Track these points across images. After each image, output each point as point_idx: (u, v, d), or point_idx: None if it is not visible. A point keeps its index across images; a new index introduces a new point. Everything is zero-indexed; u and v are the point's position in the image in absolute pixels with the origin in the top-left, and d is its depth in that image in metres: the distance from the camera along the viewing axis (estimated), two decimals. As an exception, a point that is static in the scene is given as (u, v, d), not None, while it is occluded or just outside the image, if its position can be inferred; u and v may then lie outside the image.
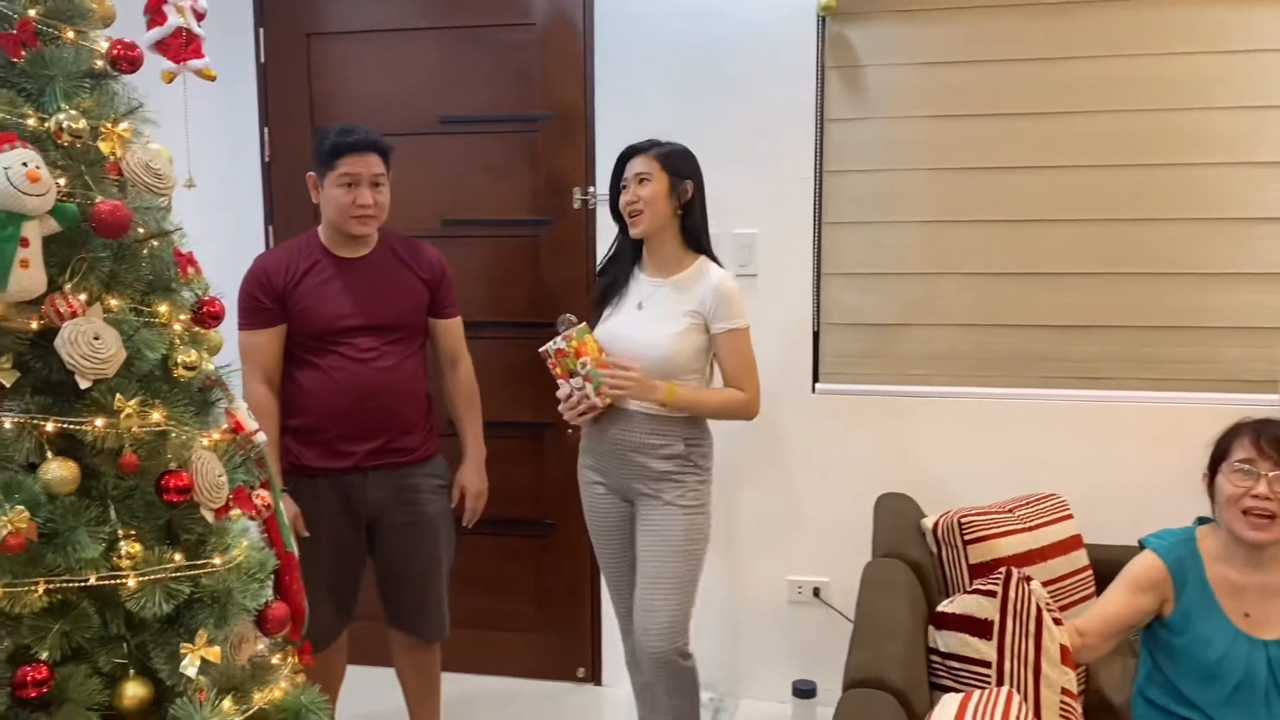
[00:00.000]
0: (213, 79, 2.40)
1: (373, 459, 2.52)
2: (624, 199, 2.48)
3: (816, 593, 3.17)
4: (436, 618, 2.69)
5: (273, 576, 1.87)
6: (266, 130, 3.39)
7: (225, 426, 1.89)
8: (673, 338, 2.41)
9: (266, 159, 3.41)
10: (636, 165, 2.47)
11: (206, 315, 1.86)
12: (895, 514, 2.50)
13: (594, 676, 3.39)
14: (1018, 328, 3.01)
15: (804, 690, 3.09)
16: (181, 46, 2.16)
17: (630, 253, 2.57)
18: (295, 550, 2.02)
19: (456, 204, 3.29)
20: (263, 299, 2.48)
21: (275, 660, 1.89)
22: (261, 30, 3.36)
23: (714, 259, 2.51)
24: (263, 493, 1.94)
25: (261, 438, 2.00)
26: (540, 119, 3.22)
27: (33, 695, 1.54)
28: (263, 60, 3.36)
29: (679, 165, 2.46)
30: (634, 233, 2.47)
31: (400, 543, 2.59)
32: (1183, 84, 2.85)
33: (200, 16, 2.34)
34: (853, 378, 3.13)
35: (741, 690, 3.25)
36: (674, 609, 2.39)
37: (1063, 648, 1.84)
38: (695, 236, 2.50)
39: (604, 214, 3.04)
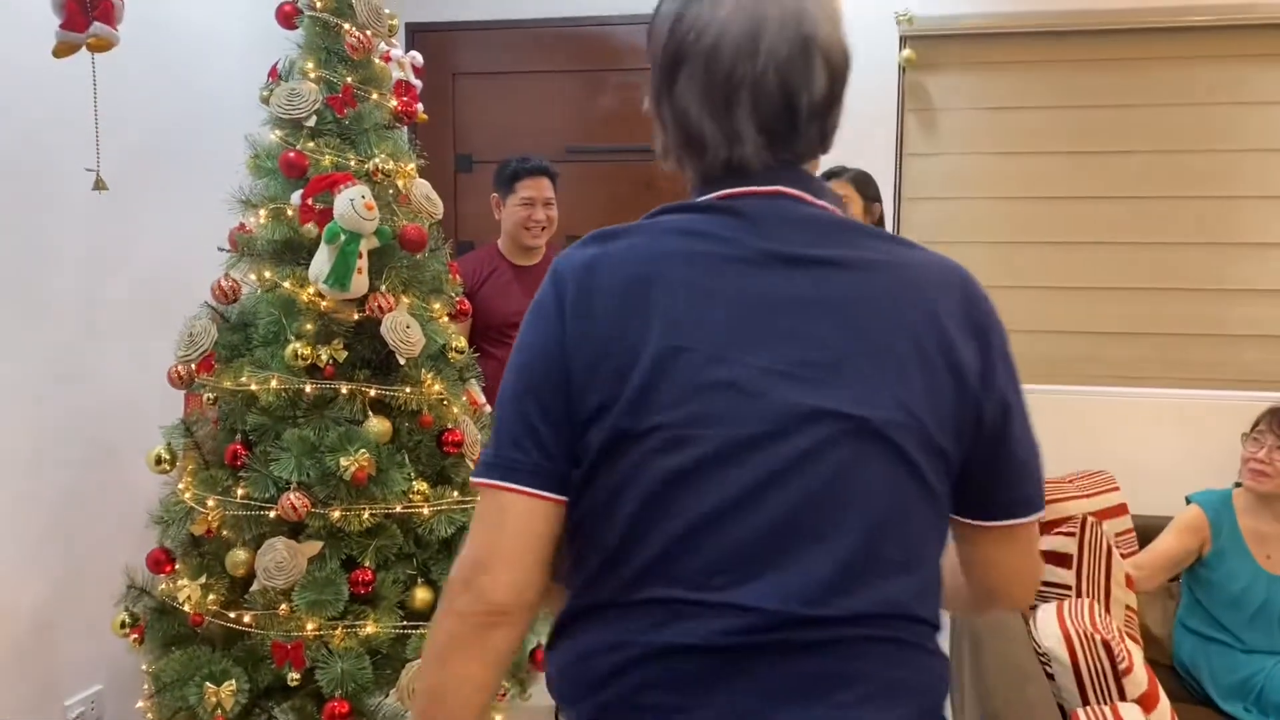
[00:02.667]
0: (425, 121, 2.93)
1: (535, 432, 3.02)
2: None
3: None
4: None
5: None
6: (414, 156, 3.91)
7: (464, 400, 2.41)
8: None
9: (412, 181, 3.91)
10: (835, 189, 2.73)
11: (459, 313, 2.39)
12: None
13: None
14: (1065, 334, 3.52)
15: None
16: (402, 94, 2.68)
17: None
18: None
19: (580, 222, 3.78)
20: None
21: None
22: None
23: None
24: (494, 451, 2.46)
25: (488, 409, 2.52)
26: (653, 150, 3.73)
27: (362, 592, 2.06)
28: (412, 96, 3.88)
29: (867, 189, 2.78)
30: None
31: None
32: (1213, 129, 3.36)
33: (419, 72, 2.87)
34: (923, 375, 3.62)
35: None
36: None
37: (1126, 574, 2.36)
38: None
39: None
